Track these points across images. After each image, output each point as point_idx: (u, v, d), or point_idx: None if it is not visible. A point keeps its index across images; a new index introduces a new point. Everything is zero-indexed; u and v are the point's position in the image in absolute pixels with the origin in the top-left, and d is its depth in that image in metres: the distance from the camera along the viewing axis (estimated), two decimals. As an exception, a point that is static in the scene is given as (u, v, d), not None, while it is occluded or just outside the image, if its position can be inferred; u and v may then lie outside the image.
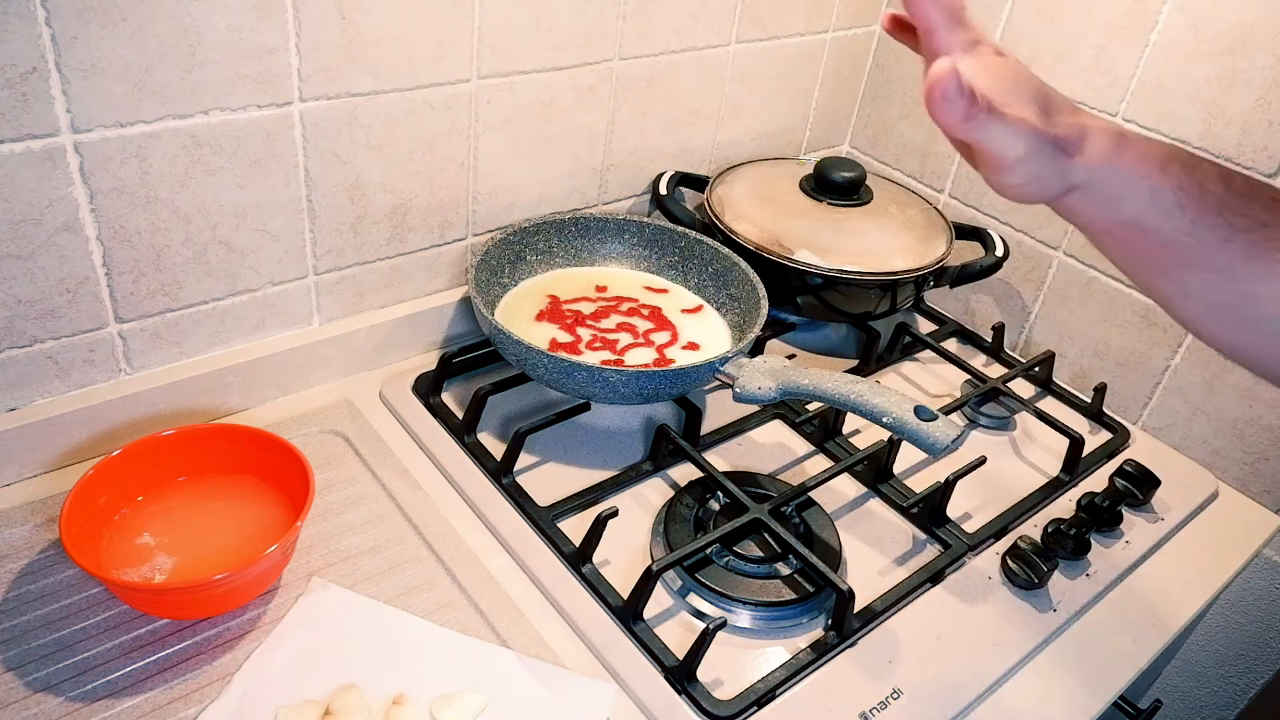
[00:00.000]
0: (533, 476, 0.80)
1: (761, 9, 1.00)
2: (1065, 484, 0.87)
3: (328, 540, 0.71)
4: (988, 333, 1.05)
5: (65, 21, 0.60)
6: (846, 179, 1.01)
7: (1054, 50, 0.97)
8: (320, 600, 0.66)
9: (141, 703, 0.59)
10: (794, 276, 0.94)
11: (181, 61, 0.66)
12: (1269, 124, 0.83)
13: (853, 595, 0.68)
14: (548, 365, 0.77)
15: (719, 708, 0.63)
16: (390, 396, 0.85)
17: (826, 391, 0.75)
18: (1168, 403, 0.97)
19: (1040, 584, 0.75)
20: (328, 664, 0.62)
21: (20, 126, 0.61)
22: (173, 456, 0.69)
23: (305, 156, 0.76)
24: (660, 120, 0.99)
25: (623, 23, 0.89)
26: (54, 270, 0.68)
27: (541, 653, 0.65)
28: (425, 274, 0.90)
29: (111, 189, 0.67)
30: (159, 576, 0.64)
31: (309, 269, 0.82)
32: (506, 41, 0.82)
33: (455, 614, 0.67)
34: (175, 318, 0.76)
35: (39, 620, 0.62)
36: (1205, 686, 1.04)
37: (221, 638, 0.63)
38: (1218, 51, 0.85)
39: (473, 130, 0.85)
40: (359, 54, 0.74)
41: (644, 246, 0.98)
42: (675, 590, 0.71)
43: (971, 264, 1.00)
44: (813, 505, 0.79)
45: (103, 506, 0.66)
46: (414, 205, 0.85)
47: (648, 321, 0.91)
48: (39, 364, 0.71)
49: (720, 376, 0.79)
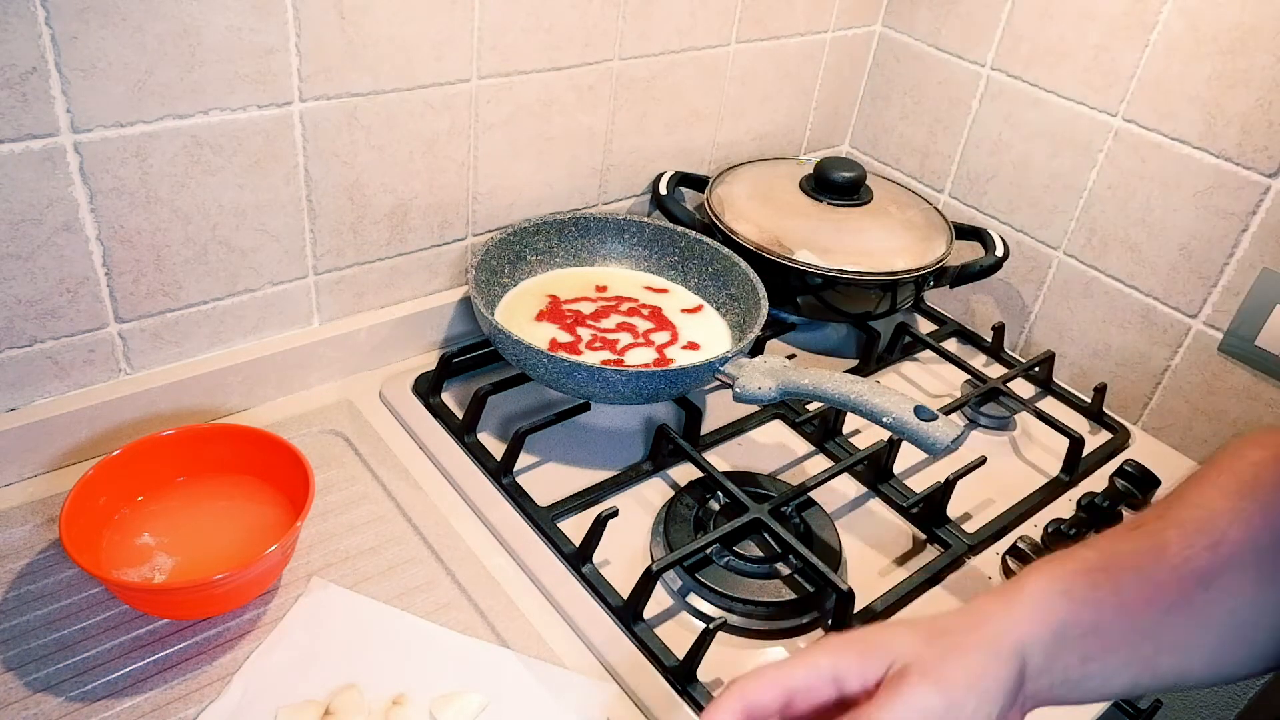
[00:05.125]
0: (533, 476, 0.80)
1: (761, 9, 1.00)
2: (1065, 484, 0.87)
3: (328, 540, 0.71)
4: (988, 333, 1.05)
5: (65, 21, 0.60)
6: (846, 179, 1.01)
7: (1054, 50, 0.97)
8: (320, 600, 0.66)
9: (141, 703, 0.59)
10: (794, 276, 0.94)
11: (181, 61, 0.66)
12: (1269, 124, 0.83)
13: (853, 595, 0.68)
14: (548, 365, 0.77)
15: (719, 708, 0.62)
16: (390, 396, 0.85)
17: (826, 391, 0.75)
18: (1168, 403, 0.97)
19: (1040, 584, 0.75)
20: (328, 664, 0.62)
21: (20, 126, 0.61)
22: (173, 456, 0.69)
23: (305, 156, 0.76)
24: (660, 120, 0.99)
25: (623, 23, 0.89)
26: (54, 270, 0.68)
27: (541, 653, 0.65)
28: (425, 274, 0.90)
29: (111, 189, 0.67)
30: (159, 576, 0.64)
31: (309, 269, 0.82)
32: (506, 41, 0.82)
33: (455, 614, 0.67)
34: (175, 318, 0.76)
35: (39, 620, 0.62)
36: (1205, 686, 1.04)
37: (221, 638, 0.63)
38: (1218, 51, 0.85)
39: (473, 130, 0.85)
40: (359, 54, 0.74)
41: (644, 246, 0.98)
42: (675, 590, 0.71)
43: (971, 264, 1.00)
44: (813, 505, 0.79)
45: (103, 506, 0.66)
46: (414, 205, 0.85)
47: (648, 321, 0.91)
48: (39, 364, 0.71)
49: (720, 376, 0.79)
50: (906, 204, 1.05)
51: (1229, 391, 0.91)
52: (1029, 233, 1.04)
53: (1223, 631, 0.44)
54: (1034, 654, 0.42)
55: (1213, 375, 0.92)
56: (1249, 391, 0.90)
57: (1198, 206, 0.89)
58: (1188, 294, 0.92)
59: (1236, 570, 0.44)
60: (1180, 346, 0.94)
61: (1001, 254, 1.00)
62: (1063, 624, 0.42)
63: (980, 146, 1.07)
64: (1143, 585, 0.44)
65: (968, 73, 1.06)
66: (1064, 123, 0.98)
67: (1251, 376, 0.90)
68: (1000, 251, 1.00)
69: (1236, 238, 0.87)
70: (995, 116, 1.04)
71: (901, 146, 1.16)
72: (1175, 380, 0.95)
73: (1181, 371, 0.95)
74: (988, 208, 1.08)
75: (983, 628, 0.42)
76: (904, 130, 1.15)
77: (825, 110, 1.17)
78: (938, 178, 1.13)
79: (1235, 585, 0.44)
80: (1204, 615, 0.44)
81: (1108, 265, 0.98)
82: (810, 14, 1.06)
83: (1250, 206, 0.86)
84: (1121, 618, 0.43)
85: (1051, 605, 0.43)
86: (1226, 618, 0.44)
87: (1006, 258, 1.00)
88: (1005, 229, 1.06)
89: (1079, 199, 0.99)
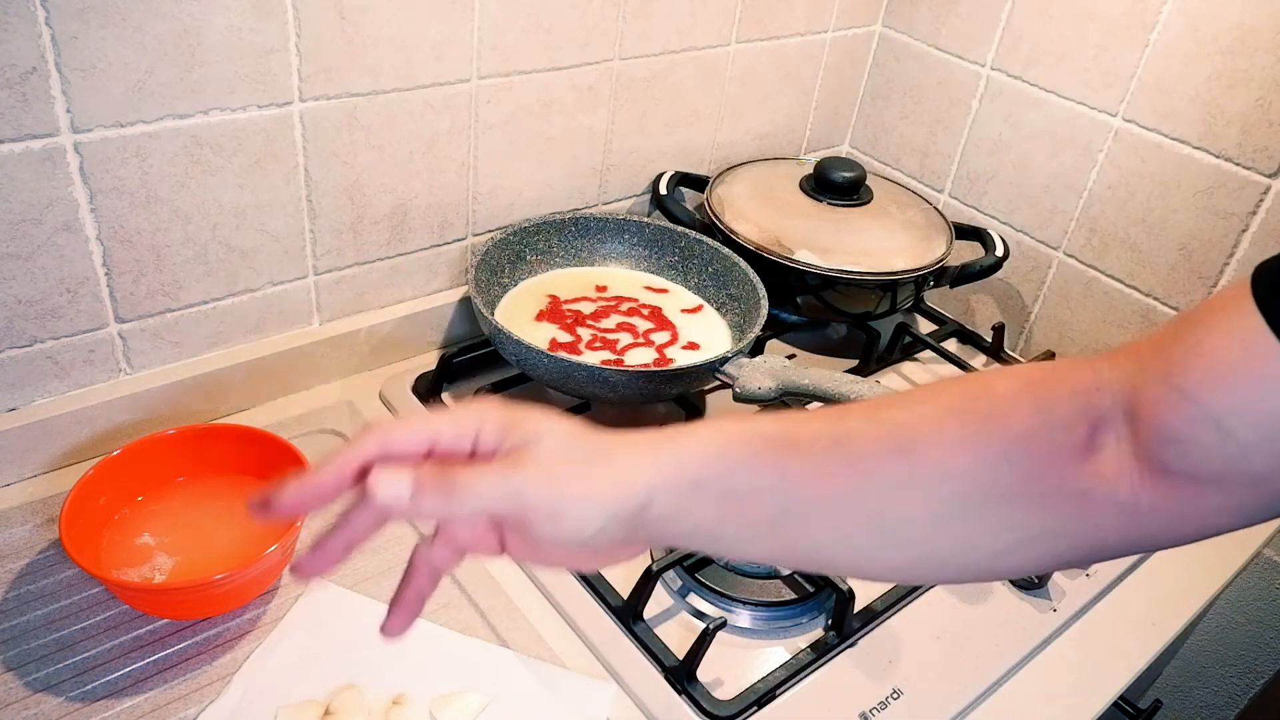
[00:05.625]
0: (533, 476, 0.80)
1: (761, 9, 1.00)
2: (1065, 484, 0.87)
3: (328, 540, 0.71)
4: (988, 333, 1.05)
5: (65, 21, 0.60)
6: (846, 179, 1.01)
7: (1054, 50, 0.97)
8: (320, 600, 0.66)
9: (141, 703, 0.58)
10: (794, 276, 0.94)
11: (181, 61, 0.66)
12: (1269, 124, 0.83)
13: (853, 595, 0.68)
14: (548, 365, 0.77)
15: (719, 708, 0.63)
16: (390, 396, 0.85)
17: (826, 391, 0.75)
18: (1168, 403, 0.96)
19: (1040, 584, 0.75)
20: (328, 664, 0.62)
21: (20, 126, 0.61)
22: (173, 456, 0.69)
23: (305, 156, 0.76)
24: (660, 120, 0.99)
25: (623, 23, 0.89)
26: (54, 270, 0.68)
27: (541, 653, 0.65)
28: (425, 274, 0.90)
29: (111, 189, 0.67)
30: (159, 576, 0.64)
31: (309, 269, 0.82)
32: (506, 41, 0.82)
33: (455, 614, 0.67)
34: (175, 318, 0.76)
35: (39, 620, 0.62)
36: (1205, 686, 1.04)
37: (221, 638, 0.63)
38: (1218, 51, 0.85)
39: (473, 130, 0.85)
40: (359, 54, 0.74)
41: (644, 246, 0.98)
42: (675, 590, 0.71)
43: (971, 264, 1.00)
44: (813, 505, 0.79)
45: (103, 506, 0.66)
46: (414, 205, 0.85)
47: (648, 321, 0.91)
48: (39, 364, 0.71)
49: (720, 376, 0.79)
50: (906, 204, 1.05)
51: (1229, 391, 0.91)
52: (1029, 233, 1.04)
53: (882, 536, 0.42)
54: (662, 498, 0.40)
55: (1213, 375, 0.92)
56: (1249, 391, 0.90)
57: (1198, 206, 0.89)
58: (1188, 294, 0.92)
59: (920, 488, 0.41)
60: (1180, 346, 0.94)
61: (1001, 254, 1.00)
62: (702, 479, 0.41)
63: (980, 146, 1.07)
64: (810, 469, 0.41)
65: (968, 73, 1.06)
66: (1064, 123, 0.98)
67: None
68: (1000, 251, 1.00)
69: (1236, 238, 0.87)
70: (995, 116, 1.04)
71: (901, 146, 1.16)
72: (1175, 380, 0.95)
73: (1181, 371, 0.94)
74: (988, 208, 1.08)
75: (624, 459, 0.41)
76: (904, 130, 1.15)
77: (825, 110, 1.17)
78: (938, 178, 1.13)
79: (911, 500, 0.41)
80: (867, 519, 0.41)
81: (1108, 265, 0.98)
82: (810, 14, 1.06)
83: (1250, 206, 0.86)
84: (774, 494, 0.41)
85: (701, 459, 0.41)
86: (893, 528, 0.42)
87: (1006, 258, 1.00)
88: (1005, 229, 1.06)
89: (1079, 199, 0.99)
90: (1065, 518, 0.41)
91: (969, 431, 0.41)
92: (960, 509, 0.41)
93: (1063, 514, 0.41)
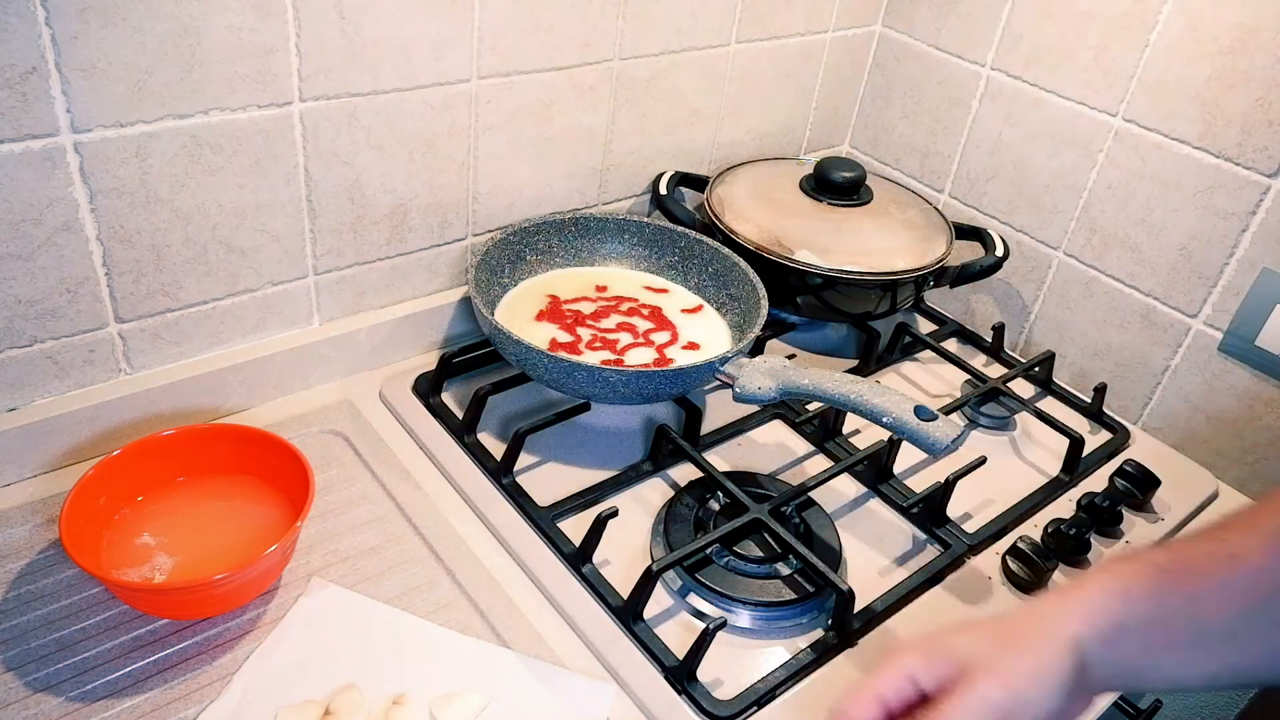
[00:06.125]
0: (533, 476, 0.80)
1: (761, 9, 1.00)
2: (1065, 484, 0.87)
3: (328, 540, 0.71)
4: (988, 333, 1.05)
5: (65, 21, 0.60)
6: (846, 179, 1.01)
7: (1054, 50, 0.97)
8: (320, 600, 0.66)
9: (141, 703, 0.59)
10: (794, 276, 0.94)
11: (181, 61, 0.66)
12: (1269, 124, 0.83)
13: (853, 595, 0.68)
14: (548, 365, 0.77)
15: (719, 708, 0.63)
16: (390, 396, 0.85)
17: (826, 391, 0.75)
18: (1168, 403, 0.97)
19: (1040, 584, 0.75)
20: (328, 664, 0.62)
21: (20, 126, 0.61)
22: (173, 456, 0.69)
23: (305, 157, 0.76)
24: (660, 120, 0.99)
25: (623, 23, 0.89)
26: (54, 270, 0.68)
27: (541, 653, 0.65)
28: (425, 274, 0.90)
29: (111, 189, 0.67)
30: (159, 576, 0.64)
31: (309, 269, 0.82)
32: (506, 41, 0.82)
33: (455, 614, 0.67)
34: (175, 318, 0.76)
35: (39, 620, 0.62)
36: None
37: (221, 638, 0.63)
38: (1218, 51, 0.85)
39: (473, 130, 0.85)
40: (359, 54, 0.74)
41: (644, 246, 0.98)
42: (675, 590, 0.71)
43: (971, 264, 1.00)
44: (813, 505, 0.79)
45: (103, 506, 0.66)
46: (414, 205, 0.85)
47: (648, 321, 0.91)
48: (39, 364, 0.71)
49: (720, 376, 0.79)
50: (906, 204, 1.05)
51: (1229, 391, 0.91)
52: (1029, 233, 1.04)
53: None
54: (1091, 645, 0.44)
55: (1213, 375, 0.92)
56: (1249, 391, 0.90)
57: (1198, 206, 0.89)
58: (1188, 294, 0.92)
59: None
60: (1180, 346, 0.94)
61: (1001, 254, 1.00)
62: (1122, 616, 0.44)
63: (980, 146, 1.07)
64: (1215, 588, 0.45)
65: (968, 73, 1.06)
66: (1064, 123, 0.98)
67: (1251, 376, 0.90)
68: (1000, 251, 1.00)
69: (1236, 238, 0.87)
70: (995, 116, 1.04)
71: (901, 146, 1.16)
72: (1175, 380, 0.95)
73: (1181, 371, 0.95)
74: (988, 208, 1.08)
75: (1040, 624, 0.45)
76: (904, 130, 1.15)
77: (825, 110, 1.17)
78: (938, 178, 1.13)
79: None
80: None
81: (1108, 265, 0.98)
82: (810, 14, 1.06)
83: (1250, 206, 0.86)
84: (1188, 616, 0.45)
85: (1109, 599, 0.45)
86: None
87: (1006, 258, 1.00)
88: (1005, 229, 1.06)
89: (1079, 199, 0.99)
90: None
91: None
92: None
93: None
